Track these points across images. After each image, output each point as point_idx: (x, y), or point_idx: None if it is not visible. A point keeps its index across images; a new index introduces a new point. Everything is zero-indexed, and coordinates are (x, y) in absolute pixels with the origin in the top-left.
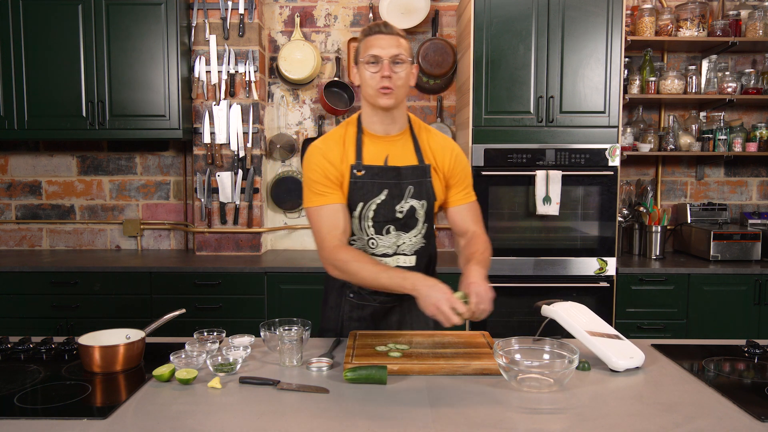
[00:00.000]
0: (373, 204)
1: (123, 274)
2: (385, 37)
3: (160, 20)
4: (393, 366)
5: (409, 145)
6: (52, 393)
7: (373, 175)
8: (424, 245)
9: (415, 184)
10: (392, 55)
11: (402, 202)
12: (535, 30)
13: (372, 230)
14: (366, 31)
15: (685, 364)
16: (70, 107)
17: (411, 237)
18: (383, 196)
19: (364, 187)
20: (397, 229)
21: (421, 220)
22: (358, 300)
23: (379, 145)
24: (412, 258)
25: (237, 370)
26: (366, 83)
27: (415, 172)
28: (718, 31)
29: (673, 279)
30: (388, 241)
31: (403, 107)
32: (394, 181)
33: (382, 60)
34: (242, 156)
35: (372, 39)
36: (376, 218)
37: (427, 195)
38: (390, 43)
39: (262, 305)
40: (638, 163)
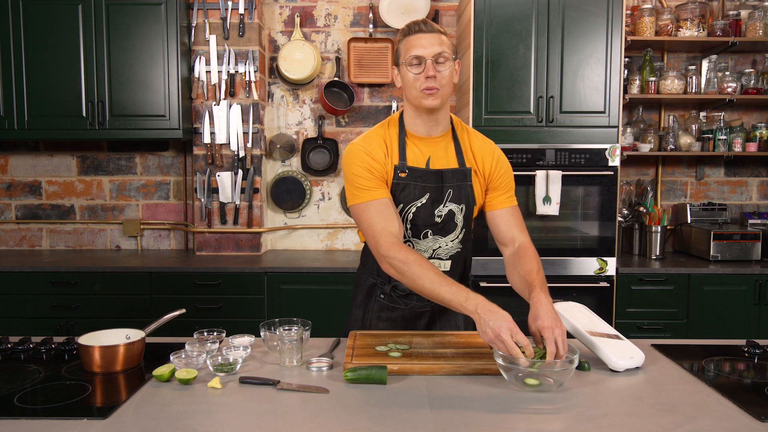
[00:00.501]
0: (413, 207)
1: (123, 274)
2: (427, 35)
3: (160, 20)
4: (393, 366)
5: (450, 147)
6: (52, 393)
7: (416, 177)
8: (460, 250)
9: (455, 188)
10: (435, 54)
11: (441, 206)
12: (535, 30)
13: (410, 233)
14: (405, 30)
15: (685, 364)
16: (70, 107)
17: (448, 242)
18: (424, 199)
19: (407, 188)
20: (435, 233)
21: (460, 225)
22: (389, 302)
23: (422, 147)
24: (447, 263)
25: (237, 370)
26: (409, 85)
27: (456, 175)
28: (718, 31)
29: (673, 279)
30: (425, 245)
31: (446, 108)
32: (435, 184)
33: (425, 60)
34: (242, 156)
35: (413, 39)
36: (414, 221)
37: (467, 199)
38: (432, 42)
39: (262, 305)
40: (638, 163)
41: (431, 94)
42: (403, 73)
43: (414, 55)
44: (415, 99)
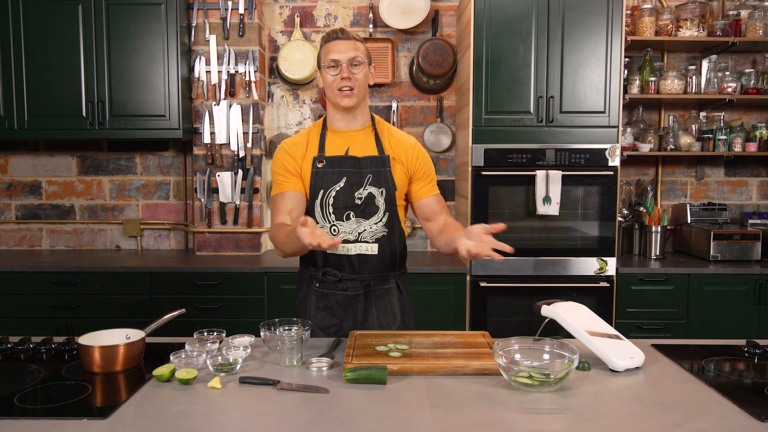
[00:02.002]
0: (333, 191)
1: (123, 274)
2: (343, 42)
3: (160, 20)
4: (393, 366)
5: (370, 139)
6: (52, 393)
7: (333, 164)
8: (386, 234)
9: (374, 173)
10: (350, 58)
11: (361, 189)
12: (535, 30)
13: (333, 216)
14: (325, 38)
15: (685, 364)
16: (70, 107)
17: (371, 224)
18: (342, 183)
19: (325, 175)
20: (357, 215)
21: (381, 208)
22: (323, 289)
23: (342, 139)
24: (374, 246)
25: (237, 370)
26: (328, 86)
27: (375, 161)
28: (718, 31)
29: (673, 279)
30: (348, 227)
31: (364, 106)
32: (353, 169)
33: (340, 63)
34: (242, 156)
35: (331, 45)
36: (336, 204)
37: (386, 183)
38: (347, 47)
39: (262, 305)
40: (638, 163)
41: (347, 95)
42: (323, 74)
43: (331, 59)
44: (333, 98)
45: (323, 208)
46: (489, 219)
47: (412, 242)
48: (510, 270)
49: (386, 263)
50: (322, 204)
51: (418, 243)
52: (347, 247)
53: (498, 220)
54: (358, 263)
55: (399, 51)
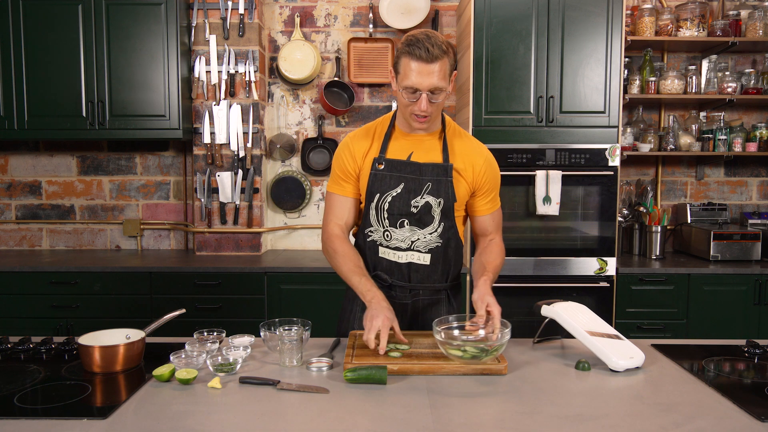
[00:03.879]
0: (389, 196)
1: (123, 274)
2: (427, 66)
3: (160, 20)
4: (393, 366)
5: (436, 145)
6: (52, 393)
7: (393, 167)
8: (440, 245)
9: (434, 182)
10: (431, 88)
11: (418, 197)
12: (535, 30)
13: (387, 222)
14: (406, 50)
15: (685, 364)
16: (70, 107)
17: (426, 234)
18: (399, 189)
19: (383, 179)
20: (412, 224)
21: (437, 218)
22: None
23: (407, 141)
24: (427, 256)
25: (237, 370)
26: (402, 105)
27: (436, 169)
28: (718, 31)
29: (673, 279)
30: (401, 235)
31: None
32: (412, 175)
33: (420, 92)
34: (242, 156)
35: (413, 65)
36: (391, 210)
37: (446, 194)
38: (431, 73)
39: (262, 305)
40: (638, 163)
41: (421, 122)
42: (398, 91)
43: (410, 85)
44: (405, 116)
45: (378, 212)
46: None
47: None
48: (510, 270)
49: (438, 274)
50: (377, 208)
51: None
52: (398, 255)
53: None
54: (408, 272)
55: None
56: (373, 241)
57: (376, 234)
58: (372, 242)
